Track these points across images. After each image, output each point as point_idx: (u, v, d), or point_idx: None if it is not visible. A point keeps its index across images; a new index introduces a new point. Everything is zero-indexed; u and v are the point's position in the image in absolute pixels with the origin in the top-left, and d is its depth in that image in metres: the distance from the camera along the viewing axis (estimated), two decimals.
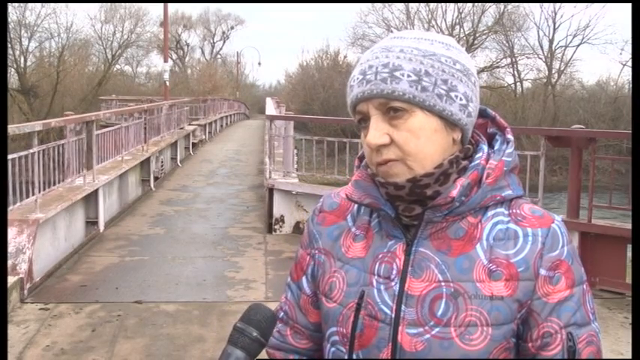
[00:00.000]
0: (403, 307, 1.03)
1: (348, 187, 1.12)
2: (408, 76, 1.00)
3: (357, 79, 1.04)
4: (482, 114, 1.12)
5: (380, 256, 1.08)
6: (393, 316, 1.03)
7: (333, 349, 1.11)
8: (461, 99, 1.03)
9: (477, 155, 1.07)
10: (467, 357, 1.00)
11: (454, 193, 1.01)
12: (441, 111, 1.01)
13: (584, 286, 1.05)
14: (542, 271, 1.02)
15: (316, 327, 1.18)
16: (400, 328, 1.03)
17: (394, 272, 1.05)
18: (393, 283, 1.05)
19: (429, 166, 1.02)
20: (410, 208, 1.05)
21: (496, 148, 1.09)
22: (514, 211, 1.06)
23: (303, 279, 1.20)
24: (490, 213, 1.06)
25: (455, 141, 1.05)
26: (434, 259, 1.04)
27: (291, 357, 1.22)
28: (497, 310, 1.00)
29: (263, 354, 1.13)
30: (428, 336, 1.01)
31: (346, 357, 1.08)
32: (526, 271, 1.02)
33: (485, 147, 1.09)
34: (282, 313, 1.23)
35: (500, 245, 1.03)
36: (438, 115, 1.01)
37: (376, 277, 1.07)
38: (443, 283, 1.02)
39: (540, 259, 1.02)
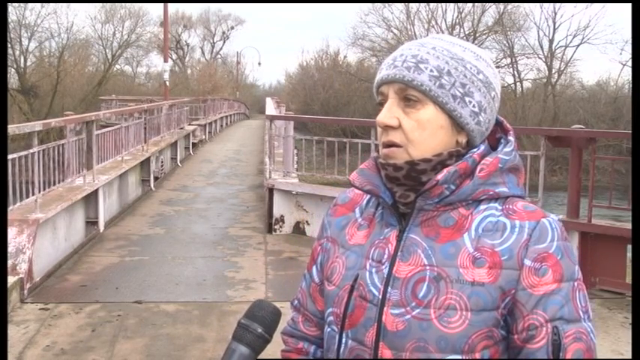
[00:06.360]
0: (389, 288, 1.08)
1: (354, 173, 1.19)
2: (431, 70, 1.07)
3: (388, 63, 1.11)
4: None
5: (376, 242, 1.14)
6: (380, 297, 1.08)
7: (329, 329, 1.17)
8: (474, 105, 1.08)
9: (472, 150, 1.10)
10: (444, 339, 1.02)
11: (439, 176, 1.06)
12: (452, 110, 1.07)
13: (576, 284, 1.04)
14: (527, 262, 1.03)
15: (324, 315, 1.22)
16: (385, 308, 1.07)
17: (385, 256, 1.11)
18: (383, 267, 1.10)
19: (429, 155, 1.08)
20: (405, 195, 1.10)
21: (498, 149, 1.13)
22: (507, 206, 1.08)
23: (314, 268, 1.27)
24: (483, 207, 1.09)
25: (459, 143, 1.09)
26: (421, 245, 1.08)
27: (302, 344, 1.27)
28: (477, 296, 1.02)
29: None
30: (409, 316, 1.05)
31: (337, 336, 1.13)
32: (509, 259, 1.03)
33: (482, 146, 1.12)
34: (296, 301, 1.31)
35: (488, 236, 1.06)
36: (448, 113, 1.07)
37: (370, 261, 1.12)
38: (427, 267, 1.06)
39: (525, 249, 1.03)
